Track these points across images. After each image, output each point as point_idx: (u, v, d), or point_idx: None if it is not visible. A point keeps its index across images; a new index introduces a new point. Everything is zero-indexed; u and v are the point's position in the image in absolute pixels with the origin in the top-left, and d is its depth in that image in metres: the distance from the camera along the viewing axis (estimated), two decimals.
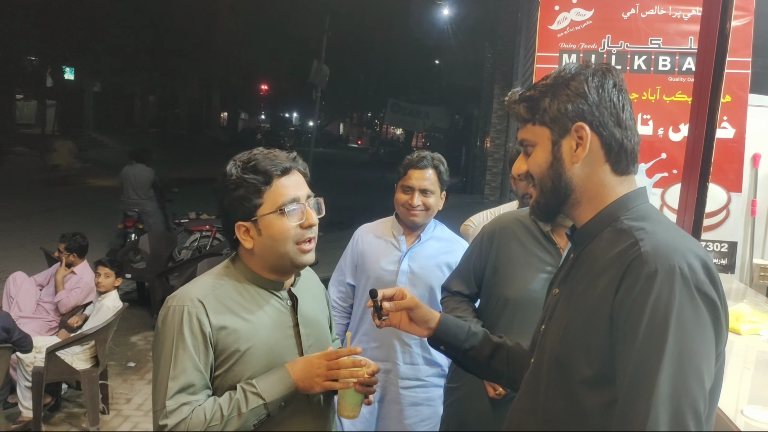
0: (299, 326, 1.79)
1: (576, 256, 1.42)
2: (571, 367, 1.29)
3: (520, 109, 1.43)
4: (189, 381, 1.60)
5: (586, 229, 1.40)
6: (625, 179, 1.38)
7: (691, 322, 1.16)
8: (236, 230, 1.74)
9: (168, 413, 1.57)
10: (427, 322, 1.70)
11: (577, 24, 3.87)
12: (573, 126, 1.35)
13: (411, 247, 2.80)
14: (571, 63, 1.43)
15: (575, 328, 1.30)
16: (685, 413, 1.13)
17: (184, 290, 1.71)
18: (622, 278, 1.22)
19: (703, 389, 1.16)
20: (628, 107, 1.37)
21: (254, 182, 1.70)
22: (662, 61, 3.82)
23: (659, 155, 3.78)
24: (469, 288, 2.45)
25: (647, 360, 1.15)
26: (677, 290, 1.16)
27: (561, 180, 1.37)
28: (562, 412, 1.32)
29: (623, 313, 1.20)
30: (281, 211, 1.70)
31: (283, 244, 1.71)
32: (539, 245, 2.32)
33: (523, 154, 1.46)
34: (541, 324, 1.47)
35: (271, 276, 1.78)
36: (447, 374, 2.73)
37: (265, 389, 1.62)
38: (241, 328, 1.68)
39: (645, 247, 1.22)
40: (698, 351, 1.16)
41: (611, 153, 1.36)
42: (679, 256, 1.20)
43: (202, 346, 1.63)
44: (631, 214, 1.34)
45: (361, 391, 1.70)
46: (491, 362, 1.71)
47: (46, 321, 5.21)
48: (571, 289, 1.37)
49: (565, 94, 1.36)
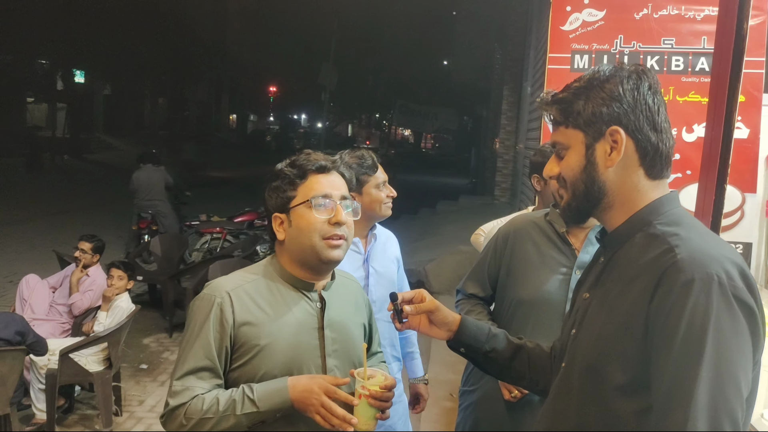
0: (325, 329, 1.80)
1: (606, 260, 1.41)
2: (605, 373, 1.28)
3: (553, 111, 1.42)
4: (198, 365, 1.68)
5: (617, 233, 1.39)
6: (659, 183, 1.37)
7: (728, 331, 1.15)
8: (273, 221, 1.83)
9: (173, 393, 1.67)
10: (447, 325, 1.69)
11: (589, 24, 3.85)
12: (608, 130, 1.34)
13: (369, 248, 2.77)
14: (605, 64, 1.41)
15: (608, 334, 1.29)
16: (723, 422, 1.13)
17: (217, 281, 1.80)
18: (657, 285, 1.21)
19: (740, 397, 1.15)
20: (663, 110, 1.36)
21: (290, 175, 1.81)
22: (675, 61, 3.79)
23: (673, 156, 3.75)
24: (485, 290, 2.44)
25: (685, 369, 1.15)
26: (714, 299, 1.16)
27: (594, 184, 1.36)
28: (595, 418, 1.31)
29: (659, 322, 1.19)
30: (310, 203, 1.76)
31: (309, 237, 1.75)
32: (554, 246, 2.31)
33: (555, 157, 1.44)
34: (571, 328, 1.45)
35: (303, 274, 1.82)
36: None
37: (262, 398, 1.64)
38: (263, 323, 1.73)
39: (681, 254, 1.21)
40: (736, 359, 1.16)
41: (646, 157, 1.34)
42: (716, 264, 1.19)
43: (220, 336, 1.70)
44: (664, 219, 1.33)
45: (374, 405, 1.69)
46: (512, 364, 1.69)
47: (60, 323, 5.25)
48: (602, 294, 1.36)
49: (600, 97, 1.34)
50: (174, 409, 1.65)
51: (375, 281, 2.74)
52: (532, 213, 2.50)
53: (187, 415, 1.63)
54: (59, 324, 5.24)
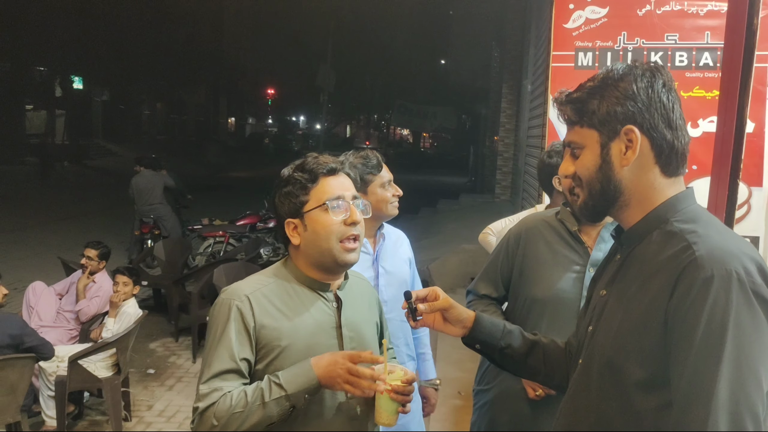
0: (342, 328, 1.83)
1: (623, 257, 1.42)
2: (624, 369, 1.29)
3: (568, 111, 1.42)
4: (223, 368, 1.69)
5: (634, 230, 1.40)
6: (675, 180, 1.38)
7: (748, 327, 1.16)
8: (285, 227, 1.83)
9: (201, 396, 1.68)
10: (462, 322, 1.70)
11: (592, 22, 3.86)
12: (622, 129, 1.34)
13: (378, 248, 2.77)
14: (618, 63, 1.41)
15: (627, 330, 1.30)
16: (744, 418, 1.13)
17: (235, 285, 1.82)
18: (676, 282, 1.22)
19: (761, 393, 1.16)
20: (677, 107, 1.36)
21: (301, 179, 1.81)
22: (679, 56, 3.81)
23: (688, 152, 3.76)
24: (497, 290, 2.44)
25: (705, 365, 1.16)
26: (734, 295, 1.16)
27: (610, 183, 1.37)
28: (615, 414, 1.32)
29: (679, 318, 1.20)
30: (325, 206, 1.77)
31: (327, 240, 1.77)
32: (566, 245, 2.32)
33: (570, 156, 1.44)
34: (588, 325, 1.46)
35: (318, 275, 1.83)
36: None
37: (288, 381, 1.65)
38: (282, 325, 1.74)
39: (699, 251, 1.22)
40: (756, 356, 1.17)
41: (662, 155, 1.35)
42: (735, 261, 1.20)
43: (242, 338, 1.71)
44: (681, 216, 1.33)
45: (395, 399, 1.70)
46: (527, 360, 1.71)
47: (67, 330, 5.25)
48: (620, 291, 1.37)
49: (614, 96, 1.35)
50: (203, 412, 1.66)
51: (385, 281, 2.74)
52: (543, 212, 2.50)
53: (216, 415, 1.64)
54: (67, 330, 5.24)
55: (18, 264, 9.67)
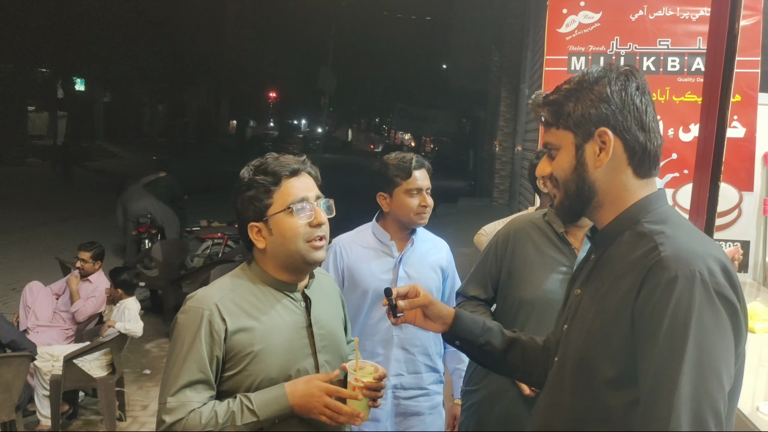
0: (312, 326, 1.83)
1: (597, 257, 1.45)
2: (595, 367, 1.32)
3: (545, 113, 1.45)
4: (193, 380, 1.66)
5: (606, 231, 1.42)
6: (647, 182, 1.40)
7: (710, 326, 1.19)
8: (249, 231, 1.79)
9: (168, 410, 1.64)
10: (442, 318, 1.72)
11: (585, 27, 3.89)
12: (596, 131, 1.37)
13: (404, 253, 2.74)
14: (595, 66, 1.44)
15: (598, 329, 1.33)
16: (706, 415, 1.16)
17: (201, 292, 1.77)
18: (642, 282, 1.24)
19: (722, 391, 1.19)
20: (651, 110, 1.39)
21: (264, 183, 1.77)
22: (671, 61, 3.84)
23: (670, 155, 3.80)
24: (486, 292, 2.45)
25: (668, 363, 1.18)
26: (697, 295, 1.19)
27: (584, 183, 1.40)
28: (587, 411, 1.34)
29: (644, 317, 1.23)
30: (290, 209, 1.75)
31: (294, 242, 1.75)
32: (554, 246, 2.34)
33: (548, 157, 1.48)
34: (564, 323, 1.49)
35: (285, 276, 1.82)
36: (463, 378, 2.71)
37: (261, 406, 1.65)
38: (254, 329, 1.73)
39: (665, 252, 1.24)
40: (718, 354, 1.19)
41: (634, 157, 1.37)
42: (699, 261, 1.22)
43: (211, 349, 1.68)
44: (651, 217, 1.36)
45: (367, 395, 1.72)
46: (506, 356, 1.73)
47: (63, 329, 5.26)
48: (593, 290, 1.40)
49: (589, 99, 1.38)
50: (171, 426, 1.62)
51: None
52: (531, 214, 2.52)
53: (185, 430, 1.61)
54: (63, 330, 5.26)
55: (18, 265, 9.70)
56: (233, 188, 1.82)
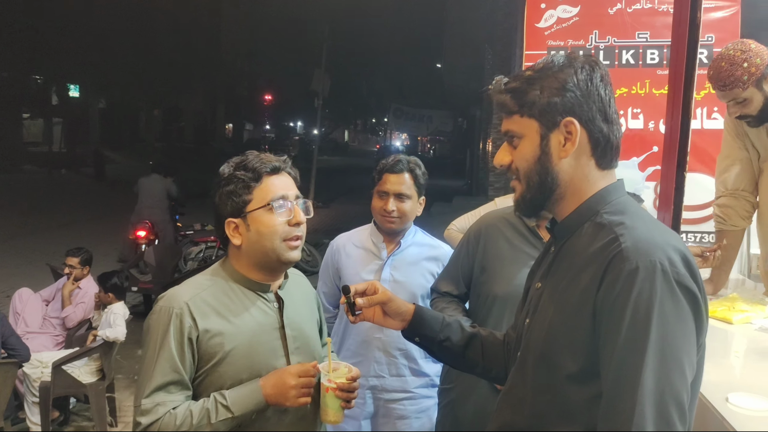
0: (285, 328, 1.82)
1: (557, 250, 1.42)
2: (556, 362, 1.30)
3: (506, 100, 1.40)
4: (166, 381, 1.65)
5: (566, 223, 1.40)
6: (607, 173, 1.38)
7: (672, 317, 1.18)
8: (226, 227, 1.79)
9: (143, 411, 1.63)
10: (401, 315, 1.71)
11: (563, 21, 3.88)
12: (562, 120, 1.34)
13: (391, 255, 2.74)
14: (557, 54, 1.41)
15: (559, 323, 1.31)
16: (669, 406, 1.15)
17: (172, 292, 1.76)
18: (603, 274, 1.23)
19: (685, 381, 1.18)
20: (613, 101, 1.37)
21: (244, 178, 1.76)
22: (650, 54, 3.83)
23: (651, 148, 3.79)
24: (458, 288, 2.45)
25: (631, 356, 1.17)
26: (658, 286, 1.18)
27: (548, 174, 1.36)
28: (549, 406, 1.33)
29: (606, 310, 1.22)
30: (269, 206, 1.74)
31: (271, 240, 1.75)
32: (525, 241, 2.33)
33: (507, 145, 1.43)
34: (525, 318, 1.47)
35: (258, 276, 1.81)
36: (439, 380, 2.70)
37: (235, 402, 1.65)
38: (225, 329, 1.72)
39: (625, 243, 1.23)
40: (680, 345, 1.18)
41: (598, 148, 1.35)
42: (659, 252, 1.21)
43: (183, 348, 1.67)
44: (610, 208, 1.34)
45: (341, 396, 1.72)
46: (466, 352, 1.71)
47: (53, 336, 5.26)
48: (553, 283, 1.38)
49: (555, 87, 1.34)
50: (147, 427, 1.62)
51: (390, 289, 2.68)
52: (502, 209, 2.51)
53: (161, 431, 1.61)
54: (52, 336, 5.26)
55: (11, 272, 9.69)
56: (213, 184, 1.82)
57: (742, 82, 2.51)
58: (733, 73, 2.50)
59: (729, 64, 2.52)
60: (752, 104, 2.58)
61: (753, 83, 2.53)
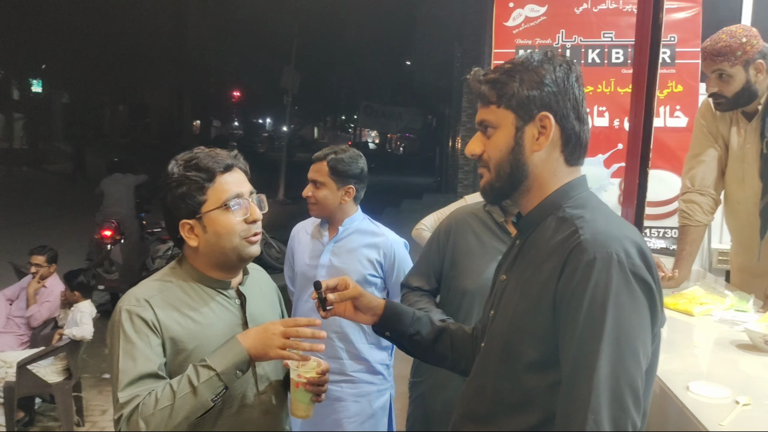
0: (248, 324, 1.80)
1: (522, 243, 1.47)
2: (518, 351, 1.34)
3: (485, 90, 1.42)
4: (139, 372, 1.60)
5: (530, 216, 1.44)
6: (573, 170, 1.43)
7: (627, 306, 1.22)
8: (180, 229, 1.74)
9: (121, 405, 1.58)
10: (372, 309, 1.73)
11: (531, 20, 3.95)
12: (538, 114, 1.38)
13: (332, 241, 2.82)
14: (534, 51, 1.44)
15: (521, 313, 1.35)
16: (624, 392, 1.20)
17: (131, 292, 1.73)
18: (563, 266, 1.27)
19: (640, 369, 1.23)
20: (584, 102, 1.42)
21: (197, 179, 1.71)
22: (615, 53, 3.91)
23: (616, 146, 3.88)
24: (429, 283, 2.48)
25: (588, 344, 1.22)
26: (614, 276, 1.22)
27: (519, 166, 1.40)
28: (508, 394, 1.37)
29: (565, 300, 1.26)
30: (226, 206, 1.71)
31: (229, 240, 1.72)
32: (494, 236, 2.37)
33: (481, 135, 1.45)
34: (491, 309, 1.51)
35: (218, 274, 1.78)
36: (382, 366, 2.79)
37: (215, 359, 1.59)
38: (187, 327, 1.69)
39: (584, 236, 1.27)
40: (635, 333, 1.23)
41: (568, 144, 1.40)
42: (617, 243, 1.26)
43: (150, 339, 1.64)
44: (572, 202, 1.39)
45: (311, 390, 1.72)
46: (435, 346, 1.74)
47: (17, 335, 5.16)
48: (517, 275, 1.42)
49: (534, 81, 1.37)
50: (128, 418, 1.55)
51: (327, 273, 2.77)
52: (471, 205, 2.55)
53: (144, 416, 1.53)
54: (17, 336, 5.16)
55: None
56: (161, 184, 1.76)
57: (734, 56, 2.65)
58: (730, 44, 2.64)
59: (729, 36, 2.66)
60: (733, 83, 2.70)
61: (742, 62, 2.65)
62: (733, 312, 2.57)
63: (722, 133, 2.96)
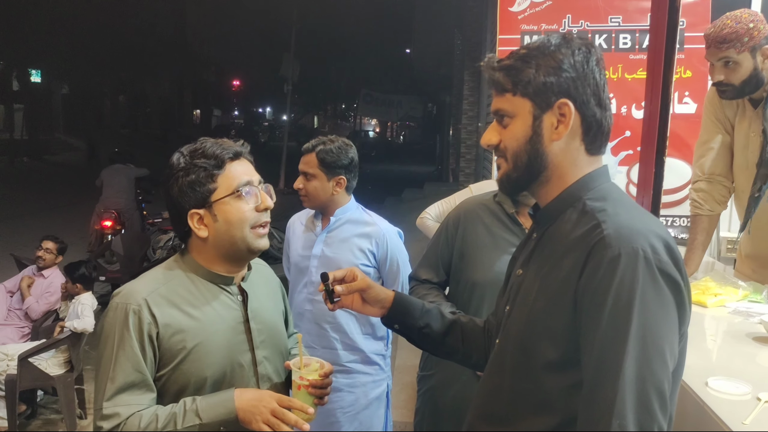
0: (250, 321, 1.75)
1: (539, 236, 1.40)
2: (536, 349, 1.29)
3: (500, 77, 1.36)
4: (128, 382, 1.56)
5: (549, 208, 1.38)
6: (595, 159, 1.36)
7: (654, 305, 1.16)
8: (189, 219, 1.68)
9: (104, 416, 1.53)
10: (381, 302, 1.67)
11: (537, 5, 3.87)
12: (557, 102, 1.31)
13: (324, 231, 2.82)
14: (553, 34, 1.37)
15: (540, 310, 1.29)
16: (651, 395, 1.14)
17: (129, 287, 1.67)
18: (585, 262, 1.21)
19: (667, 370, 1.17)
20: (606, 86, 1.34)
21: (206, 166, 1.66)
22: (623, 39, 3.84)
23: (623, 133, 3.81)
24: (438, 275, 2.43)
25: (612, 344, 1.16)
26: (640, 273, 1.16)
27: (538, 156, 1.33)
28: (527, 394, 1.32)
29: (587, 297, 1.20)
30: (238, 193, 1.67)
31: (240, 228, 1.67)
32: (505, 227, 2.32)
33: (497, 124, 1.39)
34: (505, 305, 1.45)
35: (222, 269, 1.73)
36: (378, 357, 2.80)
37: (205, 409, 1.56)
38: (187, 325, 1.64)
39: (607, 230, 1.21)
40: (662, 333, 1.17)
41: (589, 132, 1.33)
42: (642, 239, 1.19)
43: (144, 347, 1.59)
44: (593, 194, 1.32)
45: (313, 393, 1.68)
46: (445, 339, 1.69)
47: (18, 327, 5.13)
48: (535, 270, 1.36)
49: (551, 66, 1.30)
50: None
51: (319, 264, 2.76)
52: (481, 195, 2.49)
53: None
54: (18, 329, 5.12)
55: None
56: (165, 175, 1.71)
57: (741, 43, 2.54)
58: (737, 30, 2.53)
59: (735, 22, 2.56)
60: (739, 71, 2.60)
61: (749, 48, 2.56)
62: (747, 303, 2.52)
63: (729, 119, 2.90)
